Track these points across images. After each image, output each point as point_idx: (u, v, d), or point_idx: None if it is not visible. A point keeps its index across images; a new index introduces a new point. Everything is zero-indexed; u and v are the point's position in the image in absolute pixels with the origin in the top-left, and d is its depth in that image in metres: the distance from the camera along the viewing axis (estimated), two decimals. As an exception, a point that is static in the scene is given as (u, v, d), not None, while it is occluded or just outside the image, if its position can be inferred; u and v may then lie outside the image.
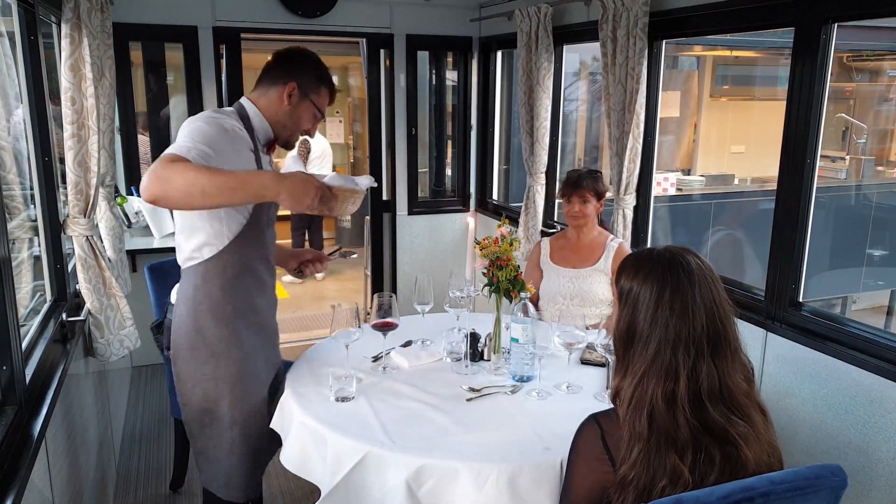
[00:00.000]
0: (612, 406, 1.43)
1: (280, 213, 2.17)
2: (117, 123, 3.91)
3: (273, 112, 2.06)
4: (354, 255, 2.15)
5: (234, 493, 2.16)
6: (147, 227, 4.14)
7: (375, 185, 2.02)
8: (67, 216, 2.60)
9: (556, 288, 2.99)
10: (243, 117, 2.03)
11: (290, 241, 6.82)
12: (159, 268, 2.85)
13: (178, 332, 2.07)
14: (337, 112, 8.76)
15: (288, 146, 2.19)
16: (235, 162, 1.89)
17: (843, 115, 7.41)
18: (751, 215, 7.03)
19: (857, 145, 7.42)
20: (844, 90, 7.63)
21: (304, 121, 2.11)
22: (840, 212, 6.86)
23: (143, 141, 4.75)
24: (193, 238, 1.99)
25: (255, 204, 1.97)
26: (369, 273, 5.24)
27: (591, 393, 2.09)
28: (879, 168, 7.42)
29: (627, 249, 3.02)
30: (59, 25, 2.58)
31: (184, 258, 2.04)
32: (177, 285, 2.12)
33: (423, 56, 4.95)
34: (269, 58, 2.11)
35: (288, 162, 1.99)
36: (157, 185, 1.66)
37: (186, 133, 1.84)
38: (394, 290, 5.07)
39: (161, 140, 4.56)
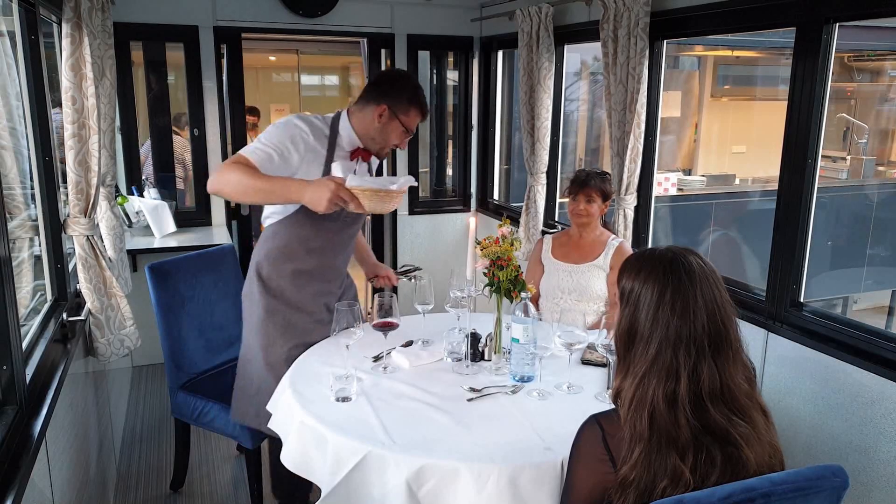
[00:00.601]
0: (613, 407, 1.43)
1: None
2: (118, 123, 3.91)
3: (364, 128, 2.34)
4: (424, 280, 2.37)
5: (263, 423, 2.31)
6: (148, 226, 4.14)
7: (415, 183, 2.29)
8: (68, 216, 2.59)
9: (555, 283, 3.01)
10: (333, 126, 2.32)
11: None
12: (160, 268, 2.85)
13: (248, 278, 2.46)
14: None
15: (379, 156, 2.48)
16: (299, 165, 2.22)
17: (845, 115, 7.41)
18: (752, 215, 7.03)
19: (857, 145, 7.42)
20: (845, 90, 7.63)
21: (393, 138, 2.37)
22: (841, 212, 6.86)
23: (179, 141, 4.77)
24: (268, 207, 2.37)
25: None
26: (370, 273, 5.23)
27: (591, 393, 2.09)
28: (880, 168, 7.42)
29: (628, 248, 3.03)
30: (59, 25, 2.58)
31: (262, 218, 2.43)
32: None
33: (423, 56, 4.95)
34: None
35: (334, 167, 2.30)
36: (216, 182, 2.10)
37: (265, 133, 2.21)
38: (394, 290, 5.07)
39: (162, 137, 4.56)
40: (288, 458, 1.97)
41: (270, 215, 2.37)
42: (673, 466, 1.29)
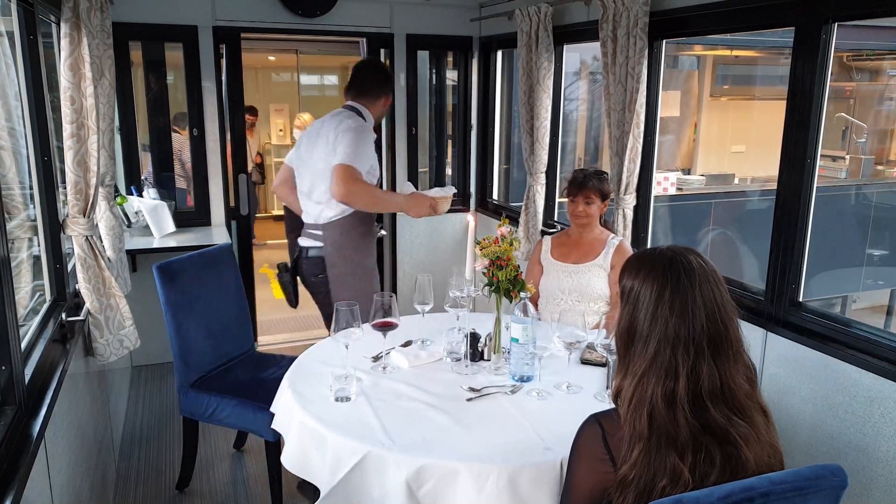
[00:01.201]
0: (613, 406, 1.43)
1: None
2: (117, 123, 3.90)
3: (378, 115, 3.18)
4: (383, 233, 2.90)
5: None
6: (147, 226, 4.14)
7: (456, 190, 3.28)
8: (67, 216, 2.59)
9: (555, 283, 3.00)
10: (364, 118, 3.05)
11: (286, 241, 6.83)
12: (168, 267, 2.85)
13: (330, 262, 3.03)
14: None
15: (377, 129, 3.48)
16: (371, 155, 2.94)
17: (844, 114, 7.41)
18: (751, 215, 7.04)
19: (857, 145, 7.42)
20: (845, 89, 7.64)
21: (385, 113, 3.29)
22: (840, 211, 6.86)
23: (178, 139, 4.76)
24: (338, 206, 2.94)
25: None
26: (369, 273, 5.23)
27: (591, 393, 2.09)
28: (879, 167, 7.42)
29: (627, 246, 3.03)
30: (58, 25, 2.58)
31: (327, 216, 3.00)
32: (308, 233, 3.10)
33: (423, 56, 4.95)
34: (362, 66, 3.29)
35: (406, 186, 3.16)
36: (347, 196, 2.79)
37: (354, 143, 2.85)
38: (394, 290, 5.07)
39: (161, 137, 4.56)
40: (287, 459, 1.97)
41: (342, 213, 2.98)
42: (672, 465, 1.29)
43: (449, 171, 5.33)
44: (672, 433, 1.30)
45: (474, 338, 2.27)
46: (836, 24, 2.42)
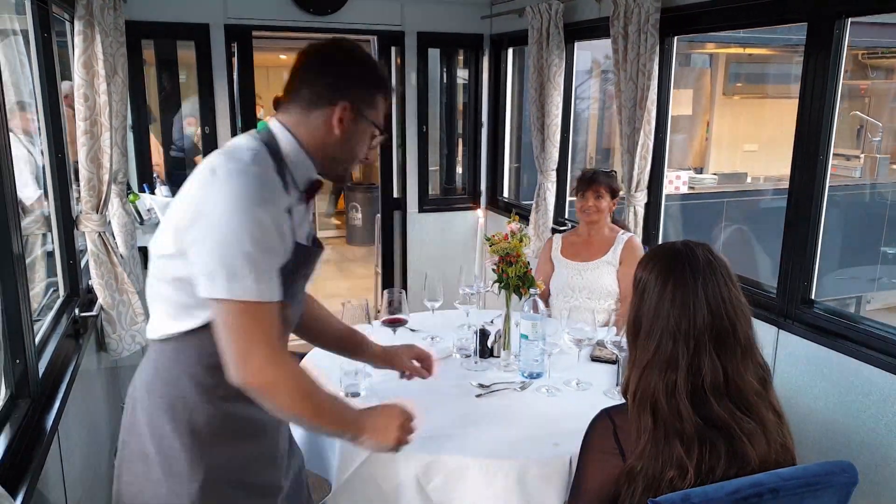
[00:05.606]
0: (624, 401, 1.43)
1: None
2: (130, 121, 3.93)
3: (319, 144, 1.43)
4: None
5: None
6: (159, 223, 4.16)
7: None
8: (80, 212, 2.62)
9: (565, 281, 3.00)
10: (275, 154, 1.40)
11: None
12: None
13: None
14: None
15: (342, 181, 1.80)
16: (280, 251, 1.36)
17: (858, 112, 7.33)
18: (764, 214, 6.99)
19: (871, 143, 7.35)
20: (859, 87, 7.56)
21: (362, 147, 1.48)
22: (855, 210, 6.80)
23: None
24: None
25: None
26: (380, 270, 5.25)
27: (600, 390, 2.09)
28: (894, 166, 7.34)
29: (637, 242, 3.01)
30: (72, 23, 2.60)
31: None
32: None
33: (434, 54, 4.95)
34: (297, 57, 1.52)
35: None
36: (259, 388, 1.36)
37: (230, 229, 1.28)
38: (404, 287, 5.08)
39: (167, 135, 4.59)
40: (297, 453, 1.98)
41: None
42: (678, 457, 1.29)
43: (459, 169, 5.33)
44: (677, 425, 1.30)
45: (484, 334, 2.27)
46: (850, 19, 2.40)
